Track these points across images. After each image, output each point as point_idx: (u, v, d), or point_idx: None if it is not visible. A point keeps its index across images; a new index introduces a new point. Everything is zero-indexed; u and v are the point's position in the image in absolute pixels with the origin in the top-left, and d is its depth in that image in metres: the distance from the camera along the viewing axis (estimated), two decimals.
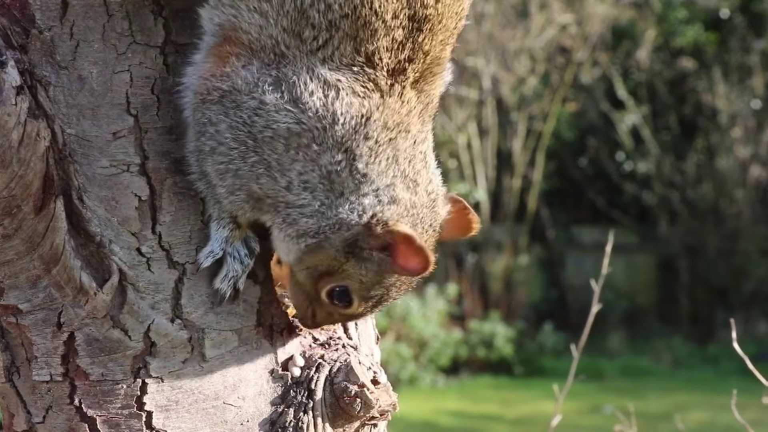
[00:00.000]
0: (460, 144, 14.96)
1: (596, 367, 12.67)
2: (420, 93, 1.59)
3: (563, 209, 16.87)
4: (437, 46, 1.58)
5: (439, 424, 10.35)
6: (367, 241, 1.57)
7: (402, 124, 1.57)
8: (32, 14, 1.57)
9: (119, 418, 1.61)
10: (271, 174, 1.55)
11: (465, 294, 14.17)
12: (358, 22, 1.50)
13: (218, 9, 1.55)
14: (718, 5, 16.34)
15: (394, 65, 1.55)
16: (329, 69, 1.52)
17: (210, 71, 1.55)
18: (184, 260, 1.64)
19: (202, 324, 1.65)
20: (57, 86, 1.58)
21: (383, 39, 1.52)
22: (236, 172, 1.56)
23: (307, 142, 1.53)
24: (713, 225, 15.74)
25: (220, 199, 1.60)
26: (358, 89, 1.53)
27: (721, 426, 9.18)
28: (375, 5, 1.50)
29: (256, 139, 1.53)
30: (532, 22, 15.17)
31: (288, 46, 1.52)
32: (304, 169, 1.54)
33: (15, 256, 1.57)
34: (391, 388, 1.74)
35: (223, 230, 1.62)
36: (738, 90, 15.85)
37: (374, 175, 1.55)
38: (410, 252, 1.55)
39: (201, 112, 1.56)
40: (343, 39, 1.51)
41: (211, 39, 1.58)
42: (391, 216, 1.56)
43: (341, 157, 1.54)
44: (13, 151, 1.50)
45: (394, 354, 12.04)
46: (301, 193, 1.55)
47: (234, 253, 1.63)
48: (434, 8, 1.55)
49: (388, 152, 1.56)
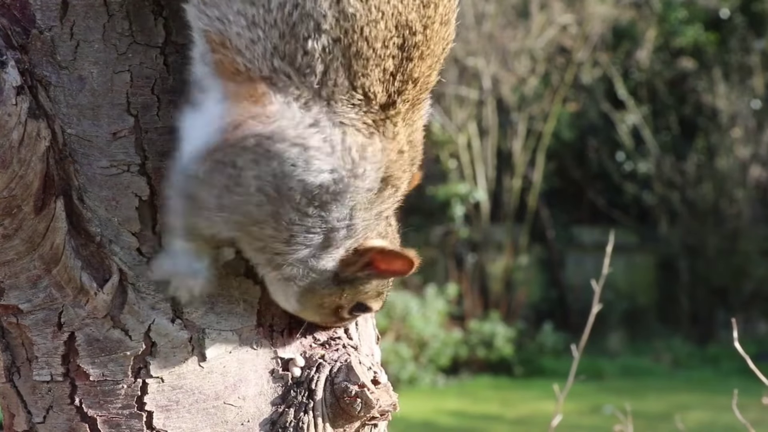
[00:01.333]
0: (460, 144, 14.96)
1: (596, 367, 12.68)
2: (406, 125, 1.56)
3: (563, 209, 16.87)
4: (425, 71, 1.55)
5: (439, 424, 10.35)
6: (347, 270, 1.60)
7: (393, 177, 1.56)
8: (32, 14, 1.57)
9: (120, 418, 1.61)
10: (277, 226, 1.52)
11: (465, 294, 14.18)
12: (351, 50, 1.46)
13: (202, 12, 1.49)
14: (718, 5, 16.35)
15: (385, 100, 1.51)
16: (335, 112, 1.48)
17: (244, 112, 1.48)
18: None
19: (202, 324, 1.65)
20: (57, 86, 1.58)
21: (375, 70, 1.49)
22: (246, 213, 1.51)
23: (330, 198, 1.50)
24: (713, 225, 15.75)
25: (197, 219, 1.54)
26: (362, 130, 1.50)
27: (721, 426, 9.19)
28: (365, 31, 1.46)
29: (280, 192, 1.49)
30: (532, 22, 15.18)
31: (290, 76, 1.46)
32: (313, 226, 1.52)
33: (15, 256, 1.57)
34: (391, 388, 1.74)
35: (179, 243, 1.57)
36: (738, 90, 15.86)
37: (362, 226, 1.56)
38: (389, 259, 1.59)
39: (224, 152, 1.48)
40: (338, 70, 1.47)
41: (204, 56, 1.51)
42: (357, 241, 1.58)
43: (346, 213, 1.53)
44: (13, 151, 1.50)
45: (394, 354, 12.04)
46: (299, 247, 1.54)
47: (189, 264, 1.59)
48: (423, 34, 1.52)
49: (378, 200, 1.56)
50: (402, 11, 1.49)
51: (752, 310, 15.51)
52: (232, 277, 1.67)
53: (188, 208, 1.54)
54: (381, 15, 1.47)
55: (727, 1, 16.33)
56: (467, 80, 15.08)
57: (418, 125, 1.60)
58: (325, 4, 1.45)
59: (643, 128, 16.09)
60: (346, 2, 1.46)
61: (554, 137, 15.85)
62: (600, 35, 15.65)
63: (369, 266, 1.60)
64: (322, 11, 1.45)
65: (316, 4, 1.45)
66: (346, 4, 1.46)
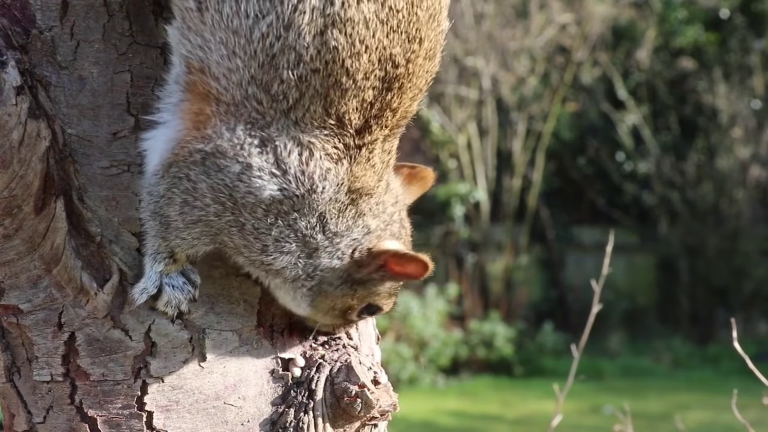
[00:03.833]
0: (460, 144, 14.95)
1: (596, 367, 12.67)
2: (383, 152, 1.58)
3: (563, 209, 16.87)
4: (406, 102, 1.56)
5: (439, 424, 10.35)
6: (361, 272, 1.61)
7: (367, 187, 1.57)
8: (33, 14, 1.57)
9: (120, 419, 1.61)
10: (243, 235, 1.54)
11: (465, 294, 14.18)
12: (329, 80, 1.47)
13: (185, 38, 1.51)
14: (718, 5, 16.34)
15: (361, 125, 1.52)
16: (302, 132, 1.50)
17: (188, 134, 1.52)
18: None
19: (202, 324, 1.65)
20: (57, 86, 1.58)
21: (353, 100, 1.50)
22: (208, 223, 1.55)
23: (287, 209, 1.53)
24: (713, 225, 15.75)
25: (170, 238, 1.57)
26: (331, 152, 1.52)
27: (721, 426, 9.19)
28: (347, 63, 1.47)
29: (236, 202, 1.52)
30: (531, 21, 15.17)
31: (260, 102, 1.49)
32: (280, 235, 1.54)
33: (16, 256, 1.57)
34: (391, 388, 1.74)
35: (158, 265, 1.59)
36: (738, 90, 15.85)
37: (344, 230, 1.57)
38: (404, 262, 1.61)
39: (178, 167, 1.53)
40: (313, 98, 1.48)
41: (179, 77, 1.53)
42: (370, 242, 1.60)
43: (315, 222, 1.55)
44: (13, 151, 1.50)
45: (394, 354, 12.04)
46: (277, 255, 1.56)
47: (172, 283, 1.60)
48: (405, 68, 1.52)
49: (353, 209, 1.57)
50: (387, 45, 1.49)
51: (752, 310, 15.50)
52: (232, 277, 1.67)
53: (160, 228, 1.57)
54: (365, 48, 1.47)
55: (727, 1, 16.32)
56: (467, 80, 15.07)
57: (395, 145, 1.61)
58: (308, 37, 1.45)
59: (643, 128, 16.08)
60: (329, 35, 1.45)
61: (554, 137, 15.85)
62: (600, 35, 15.64)
63: (383, 268, 1.61)
64: (305, 43, 1.45)
65: (299, 36, 1.45)
66: (329, 37, 1.46)
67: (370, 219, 1.59)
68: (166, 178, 1.54)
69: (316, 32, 1.45)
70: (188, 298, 1.61)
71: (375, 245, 1.60)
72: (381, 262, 1.60)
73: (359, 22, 1.46)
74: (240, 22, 1.46)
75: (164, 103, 1.55)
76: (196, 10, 1.48)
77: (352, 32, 1.46)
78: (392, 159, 1.62)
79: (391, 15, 1.48)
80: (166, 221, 1.56)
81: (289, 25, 1.45)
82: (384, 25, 1.48)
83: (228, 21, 1.46)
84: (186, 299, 1.61)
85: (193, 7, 1.48)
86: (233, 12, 1.46)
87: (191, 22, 1.49)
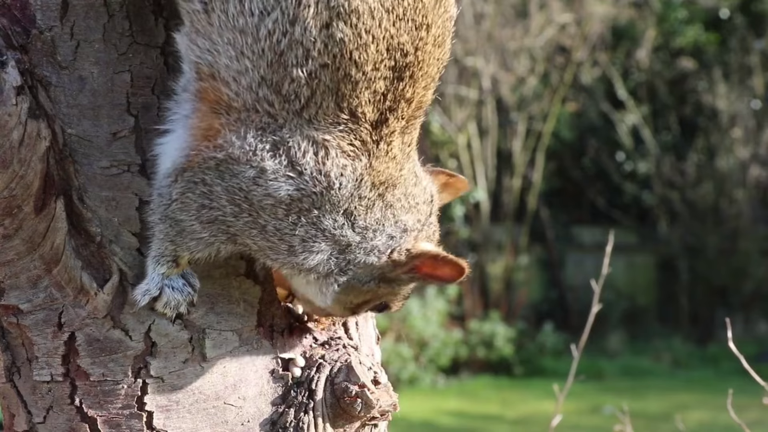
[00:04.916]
0: (460, 144, 14.95)
1: (596, 368, 12.67)
2: (404, 144, 1.58)
3: (563, 209, 16.87)
4: (419, 92, 1.56)
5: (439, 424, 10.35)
6: (396, 271, 1.61)
7: (391, 178, 1.57)
8: (33, 14, 1.57)
9: (120, 419, 1.61)
10: (266, 237, 1.54)
11: (465, 294, 14.17)
12: (339, 74, 1.47)
13: (194, 42, 1.51)
14: (718, 5, 16.35)
15: (376, 117, 1.52)
16: (316, 129, 1.50)
17: (200, 144, 1.52)
18: None
19: (202, 324, 1.65)
20: (57, 86, 1.58)
21: (365, 92, 1.49)
22: (225, 221, 1.55)
23: (307, 206, 1.52)
24: (713, 225, 15.75)
25: (179, 242, 1.57)
26: (347, 149, 1.52)
27: (721, 426, 9.19)
28: (355, 55, 1.47)
29: (252, 204, 1.52)
30: (531, 21, 15.17)
31: (272, 104, 1.48)
32: (306, 235, 1.54)
33: (16, 256, 1.57)
34: (391, 388, 1.74)
35: (161, 267, 1.60)
36: (738, 90, 15.86)
37: (375, 224, 1.57)
38: (440, 265, 1.60)
39: (192, 172, 1.53)
40: (324, 95, 1.48)
41: (189, 84, 1.54)
42: (408, 242, 1.60)
43: (342, 220, 1.54)
44: (13, 151, 1.50)
45: (394, 354, 12.04)
46: (307, 254, 1.56)
47: (172, 285, 1.61)
48: (414, 56, 1.52)
49: (381, 203, 1.57)
50: (394, 34, 1.49)
51: (752, 310, 15.51)
52: (232, 277, 1.67)
53: (170, 231, 1.57)
54: (371, 38, 1.47)
55: (727, 1, 16.33)
56: (466, 80, 15.07)
57: (414, 135, 1.61)
58: (314, 30, 1.45)
59: (643, 128, 16.08)
60: (335, 27, 1.45)
61: (554, 137, 15.85)
62: (599, 35, 15.64)
63: (415, 269, 1.61)
64: (311, 37, 1.45)
65: (305, 31, 1.45)
66: (335, 30, 1.45)
67: (403, 214, 1.59)
68: (179, 182, 1.54)
69: (322, 25, 1.45)
70: (187, 300, 1.62)
71: (413, 246, 1.60)
72: (417, 263, 1.60)
73: (364, 13, 1.46)
74: (246, 21, 1.46)
75: (175, 115, 1.55)
76: (202, 11, 1.48)
77: (358, 23, 1.46)
78: (413, 150, 1.62)
79: (396, 3, 1.48)
80: (178, 225, 1.56)
81: (295, 20, 1.45)
82: (390, 14, 1.48)
83: (234, 20, 1.46)
84: (185, 301, 1.61)
85: (199, 9, 1.48)
86: (238, 11, 1.46)
87: (199, 24, 1.49)
